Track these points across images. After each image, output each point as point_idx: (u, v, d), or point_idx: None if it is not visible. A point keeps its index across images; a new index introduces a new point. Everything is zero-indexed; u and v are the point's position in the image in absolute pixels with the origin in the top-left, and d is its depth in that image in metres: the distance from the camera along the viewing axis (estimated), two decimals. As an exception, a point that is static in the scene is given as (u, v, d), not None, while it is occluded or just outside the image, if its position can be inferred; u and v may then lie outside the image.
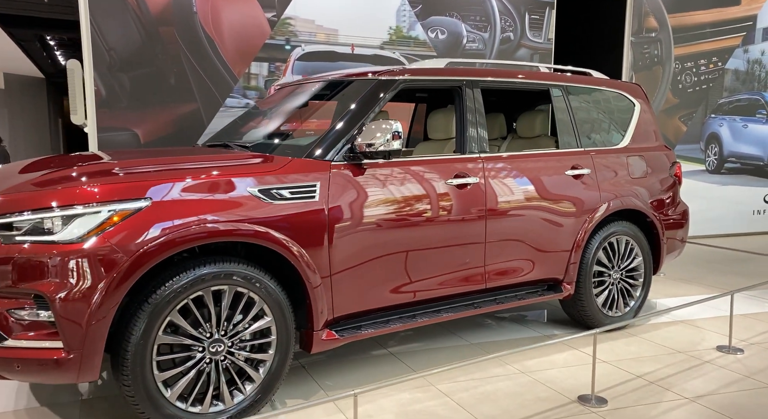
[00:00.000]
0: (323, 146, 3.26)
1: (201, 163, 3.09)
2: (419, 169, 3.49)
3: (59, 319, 2.53)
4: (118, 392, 3.33)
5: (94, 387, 3.42)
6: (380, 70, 3.62)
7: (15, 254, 2.57)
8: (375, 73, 3.62)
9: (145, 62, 5.94)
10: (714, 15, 8.61)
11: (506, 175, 3.81)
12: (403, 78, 3.57)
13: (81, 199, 2.62)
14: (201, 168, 2.98)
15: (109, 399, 3.28)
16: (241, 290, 2.91)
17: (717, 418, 3.05)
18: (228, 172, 2.97)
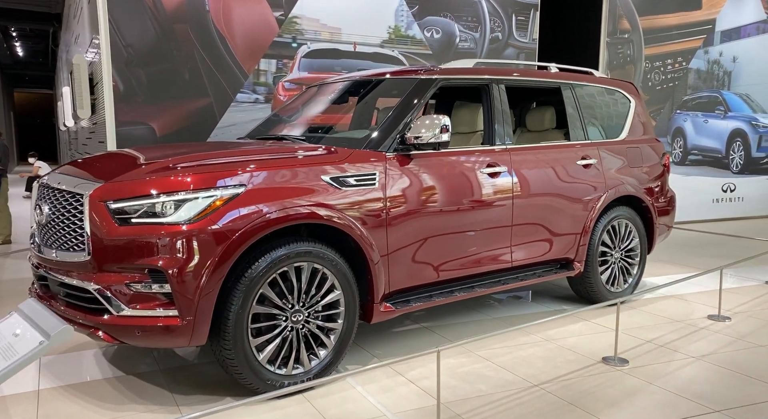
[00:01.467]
0: (378, 139, 3.62)
1: (278, 154, 3.41)
2: (458, 159, 3.90)
3: (175, 291, 2.85)
4: (189, 362, 3.66)
5: (168, 358, 3.70)
6: (420, 70, 4.01)
7: (133, 235, 2.87)
8: (415, 72, 4.00)
9: (161, 58, 6.16)
10: (679, 18, 9.29)
11: (529, 165, 4.25)
12: (441, 77, 3.96)
13: (190, 186, 2.94)
14: (282, 159, 3.31)
15: (185, 368, 3.57)
16: (317, 267, 3.26)
17: (722, 372, 3.57)
18: (304, 162, 3.31)
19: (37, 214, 3.31)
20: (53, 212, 3.18)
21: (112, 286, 2.90)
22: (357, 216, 3.38)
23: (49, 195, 3.27)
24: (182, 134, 6.31)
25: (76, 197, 3.05)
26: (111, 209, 2.93)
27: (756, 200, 10.27)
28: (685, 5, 9.31)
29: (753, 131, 10.18)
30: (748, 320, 4.57)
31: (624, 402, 3.15)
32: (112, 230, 2.90)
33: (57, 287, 3.18)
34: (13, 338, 2.13)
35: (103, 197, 2.95)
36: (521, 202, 4.18)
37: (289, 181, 3.20)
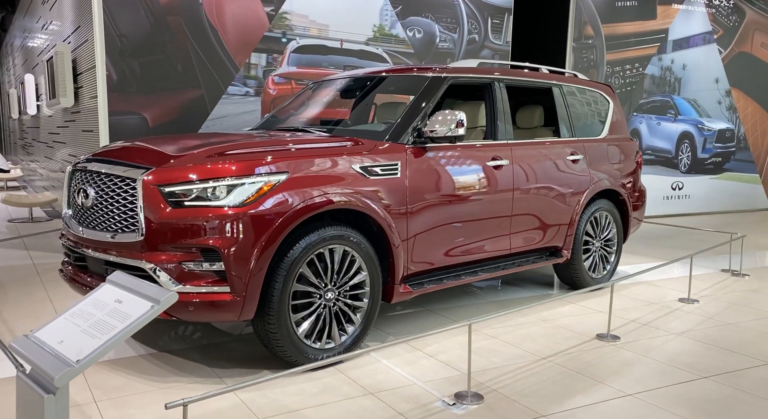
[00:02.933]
0: (398, 132, 3.89)
1: (313, 144, 3.63)
2: (467, 152, 4.21)
3: (229, 269, 3.05)
4: (216, 341, 3.85)
5: (194, 337, 3.87)
6: (432, 68, 4.30)
7: (186, 217, 3.05)
8: (427, 70, 4.28)
9: (154, 49, 6.24)
10: (636, 26, 9.90)
11: (527, 159, 4.60)
12: (452, 75, 4.26)
13: (241, 172, 3.15)
14: (319, 148, 3.54)
15: (214, 346, 3.75)
16: (347, 250, 3.51)
17: (702, 345, 4.00)
18: (338, 152, 3.55)
19: (81, 197, 3.43)
20: (101, 195, 3.32)
21: (165, 264, 3.08)
22: (382, 203, 3.64)
23: (93, 180, 3.39)
24: (174, 125, 6.40)
25: (126, 181, 3.21)
26: (164, 192, 3.10)
27: (701, 197, 11.02)
28: (642, 14, 9.92)
29: (699, 134, 10.92)
30: (714, 302, 5.06)
31: (624, 371, 3.53)
32: (166, 213, 3.08)
33: (102, 266, 3.32)
34: (118, 304, 2.30)
35: (156, 181, 3.11)
36: (520, 193, 4.52)
37: (326, 169, 3.44)
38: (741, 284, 5.70)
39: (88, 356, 2.06)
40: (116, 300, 2.33)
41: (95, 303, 2.36)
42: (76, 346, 2.12)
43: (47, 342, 2.22)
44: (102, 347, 2.08)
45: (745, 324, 4.47)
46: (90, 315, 2.30)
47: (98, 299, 2.38)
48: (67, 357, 2.08)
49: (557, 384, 3.33)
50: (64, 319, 2.35)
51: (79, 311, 2.36)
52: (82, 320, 2.29)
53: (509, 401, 3.10)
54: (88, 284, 3.45)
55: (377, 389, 3.23)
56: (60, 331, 2.26)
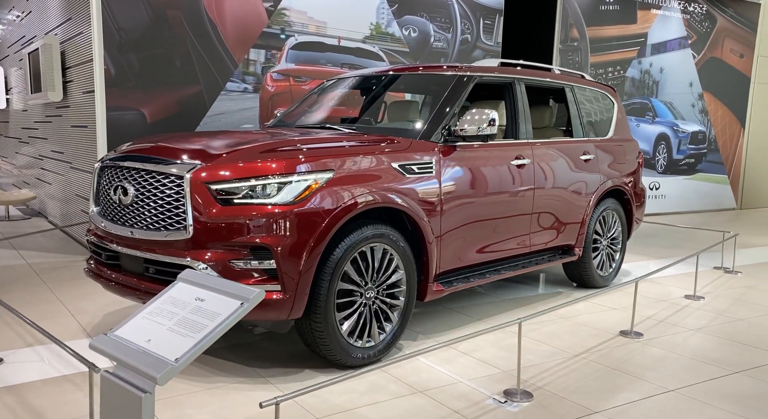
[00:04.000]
0: (430, 130, 3.89)
1: (353, 142, 3.58)
2: (494, 151, 4.23)
3: (280, 267, 3.00)
4: (245, 340, 3.78)
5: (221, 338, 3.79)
6: (457, 66, 4.30)
7: (236, 215, 2.98)
8: (453, 68, 4.29)
9: (153, 44, 6.08)
10: (618, 30, 10.12)
11: (546, 158, 4.65)
12: (477, 74, 4.27)
13: (290, 169, 3.10)
14: (361, 146, 3.50)
15: (245, 345, 3.67)
16: (386, 248, 3.48)
17: (721, 341, 4.11)
18: (379, 150, 3.52)
19: (119, 195, 3.32)
20: (142, 193, 3.21)
21: (215, 263, 3.00)
22: (418, 201, 3.63)
23: (133, 177, 3.28)
24: (172, 121, 6.25)
25: (171, 178, 3.11)
26: (213, 190, 3.02)
27: (676, 197, 11.34)
28: (624, 19, 10.14)
29: (674, 136, 11.23)
30: (718, 299, 5.21)
31: (658, 367, 3.60)
32: (215, 211, 3.01)
33: (141, 264, 3.22)
34: (200, 302, 2.23)
35: (205, 179, 3.04)
36: (540, 192, 4.57)
37: (368, 167, 3.40)
38: (737, 281, 5.88)
39: (186, 354, 1.99)
40: (197, 298, 2.25)
41: (174, 302, 2.29)
42: (169, 345, 2.05)
43: (134, 340, 2.14)
44: (199, 345, 2.02)
45: (755, 320, 4.61)
46: (172, 313, 2.23)
47: (176, 297, 2.30)
48: (162, 356, 2.01)
49: (598, 380, 3.38)
50: (142, 318, 2.26)
51: (157, 310, 2.28)
52: (164, 318, 2.22)
53: (558, 398, 3.13)
54: (121, 282, 3.34)
55: (424, 387, 3.21)
56: (143, 330, 2.18)
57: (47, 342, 3.65)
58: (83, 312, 4.27)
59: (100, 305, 4.46)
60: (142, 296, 3.23)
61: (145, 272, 3.23)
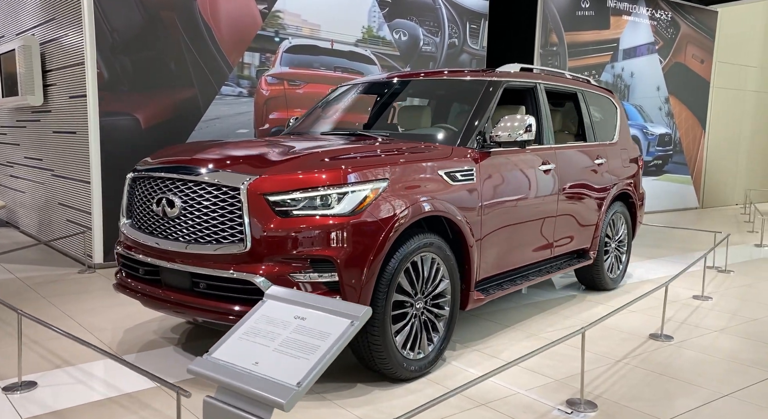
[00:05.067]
0: (467, 136, 3.83)
1: (398, 150, 3.49)
2: (524, 157, 4.20)
3: (342, 279, 2.88)
4: None
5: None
6: (486, 71, 4.27)
7: (296, 227, 2.85)
8: (482, 73, 4.25)
9: (147, 46, 5.84)
10: (593, 35, 10.32)
11: (567, 162, 4.67)
12: (505, 79, 4.25)
13: (349, 178, 2.99)
14: (410, 154, 3.41)
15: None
16: (434, 257, 3.40)
17: (749, 342, 4.19)
18: (426, 157, 3.44)
19: (163, 207, 3.13)
20: (190, 205, 3.04)
21: (274, 276, 2.86)
22: (462, 209, 3.56)
23: (178, 188, 3.10)
24: (167, 126, 6.01)
25: (224, 190, 2.96)
26: (270, 201, 2.89)
27: (647, 197, 11.63)
28: (598, 24, 10.35)
29: (644, 138, 11.53)
30: (724, 298, 5.33)
31: (701, 370, 3.63)
32: (275, 223, 2.87)
33: (188, 279, 3.05)
34: (301, 321, 2.10)
35: (262, 190, 2.90)
36: (563, 196, 4.58)
37: (419, 175, 3.32)
38: (733, 280, 6.04)
39: (307, 377, 1.87)
40: (297, 317, 2.13)
41: (270, 321, 2.16)
42: (281, 367, 1.92)
43: (238, 363, 2.00)
44: (318, 367, 1.90)
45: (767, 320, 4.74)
46: (272, 333, 2.10)
47: (270, 316, 2.17)
48: (280, 380, 1.88)
49: (650, 387, 3.38)
50: (240, 339, 2.13)
51: (253, 330, 2.14)
52: (265, 339, 2.09)
53: (620, 407, 3.11)
54: (163, 298, 3.16)
55: (485, 399, 3.15)
56: (245, 352, 2.04)
57: (76, 362, 3.42)
58: (100, 329, 4.03)
59: (113, 320, 4.22)
60: (189, 312, 3.06)
61: (194, 287, 3.05)
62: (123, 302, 4.66)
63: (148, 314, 4.35)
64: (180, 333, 4.01)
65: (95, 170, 5.69)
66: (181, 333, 4.01)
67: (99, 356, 3.50)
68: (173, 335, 3.96)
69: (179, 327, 4.11)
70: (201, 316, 3.03)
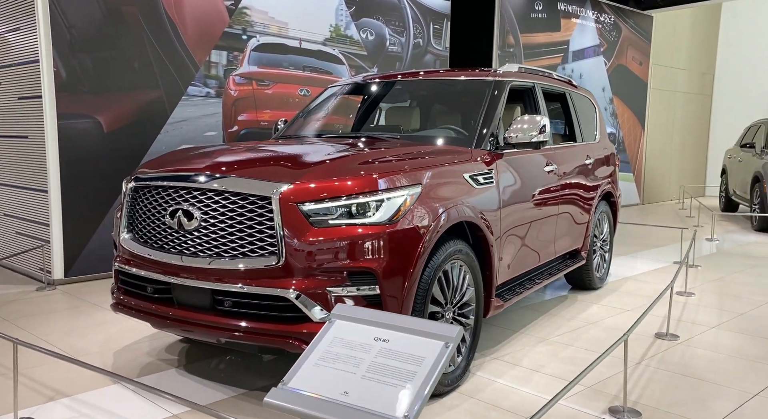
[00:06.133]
0: (481, 138, 3.70)
1: (425, 153, 3.31)
2: (530, 157, 4.12)
3: (385, 292, 2.69)
4: None
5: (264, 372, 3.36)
6: (490, 71, 4.16)
7: (333, 237, 2.64)
8: (486, 73, 4.14)
9: (108, 44, 5.42)
10: (546, 37, 10.47)
11: (566, 162, 4.62)
12: (510, 79, 4.15)
13: (387, 184, 2.79)
14: (436, 157, 3.24)
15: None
16: (462, 265, 3.26)
17: (750, 337, 4.25)
18: (451, 161, 3.28)
19: (179, 219, 2.83)
20: (213, 216, 2.76)
21: (311, 291, 2.63)
22: (485, 213, 3.43)
23: (196, 197, 2.81)
24: (131, 130, 5.60)
25: (251, 200, 2.70)
26: (305, 210, 2.66)
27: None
28: (550, 27, 10.51)
29: (591, 138, 11.81)
30: (705, 293, 5.44)
31: (720, 369, 3.64)
32: (309, 234, 2.64)
33: (209, 297, 2.77)
34: (384, 343, 1.89)
35: (294, 198, 2.66)
36: (563, 197, 4.53)
37: (448, 179, 3.17)
38: (704, 275, 6.20)
39: (413, 408, 1.67)
40: (378, 339, 1.92)
41: (347, 344, 1.94)
42: (377, 397, 1.71)
43: (324, 394, 1.78)
44: (423, 396, 1.71)
45: (756, 313, 4.84)
46: (354, 358, 1.88)
47: (346, 338, 1.96)
48: (383, 413, 1.67)
49: (680, 389, 3.34)
50: (316, 366, 1.90)
51: (330, 355, 1.92)
52: (346, 365, 1.87)
53: (663, 413, 3.04)
54: (174, 318, 2.87)
55: (527, 411, 3.02)
56: (327, 380, 1.82)
57: (71, 393, 3.06)
58: (87, 353, 3.65)
59: (98, 342, 3.84)
60: (214, 333, 2.78)
61: (217, 305, 2.78)
62: (102, 321, 4.28)
63: (134, 333, 3.99)
64: (177, 352, 3.69)
65: (53, 177, 5.23)
66: (178, 352, 3.69)
67: (100, 383, 3.16)
68: (170, 355, 3.64)
69: (174, 347, 3.79)
70: (227, 337, 2.76)
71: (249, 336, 2.71)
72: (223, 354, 3.67)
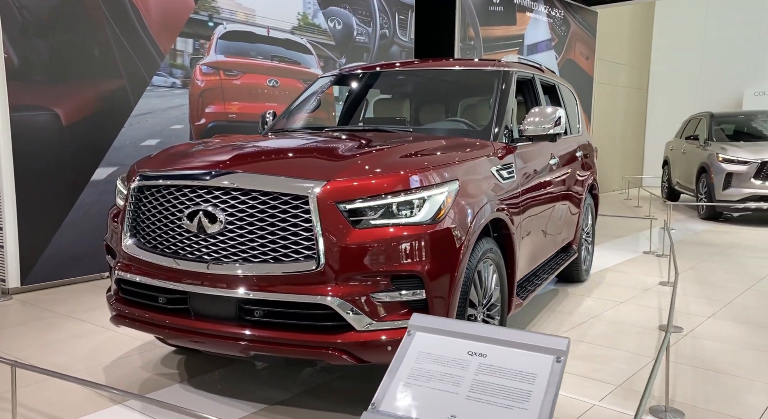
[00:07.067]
0: (498, 130, 3.54)
1: (454, 146, 3.12)
2: (538, 150, 4.00)
3: (432, 297, 2.49)
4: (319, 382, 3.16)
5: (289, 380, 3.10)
6: (495, 61, 4.01)
7: (377, 239, 2.42)
8: (492, 63, 3.99)
9: (65, 28, 4.96)
10: (503, 31, 10.46)
11: (564, 155, 4.54)
12: (516, 69, 4.02)
13: (430, 180, 2.59)
14: (468, 151, 3.05)
15: (318, 389, 3.04)
16: (491, 264, 3.09)
17: (747, 326, 4.28)
18: (479, 154, 3.10)
19: (198, 221, 2.52)
20: (239, 218, 2.47)
21: (354, 298, 2.40)
22: (510, 208, 3.29)
23: (218, 198, 2.52)
24: (93, 123, 5.15)
25: (283, 199, 2.44)
26: (345, 210, 2.42)
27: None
28: (506, 20, 10.51)
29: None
30: (685, 283, 5.49)
31: (735, 361, 3.62)
32: (351, 235, 2.41)
33: (235, 306, 2.49)
34: (481, 358, 1.69)
35: (334, 197, 2.42)
36: (563, 189, 4.45)
37: (479, 175, 2.99)
38: (677, 265, 6.29)
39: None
40: (474, 353, 1.73)
41: (437, 360, 1.73)
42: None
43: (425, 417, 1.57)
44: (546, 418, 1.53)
45: (740, 301, 4.91)
46: (450, 375, 1.68)
47: (433, 353, 1.75)
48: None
49: (709, 384, 3.29)
50: (407, 385, 1.68)
51: (420, 373, 1.71)
52: (442, 383, 1.66)
53: (703, 411, 2.96)
54: (192, 331, 2.57)
55: (569, 415, 2.88)
56: (426, 401, 1.61)
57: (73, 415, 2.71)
58: (73, 371, 3.26)
59: (83, 358, 3.46)
60: (236, 346, 2.51)
61: (245, 315, 2.50)
62: (79, 333, 3.88)
63: (119, 345, 3.63)
64: (174, 365, 3.37)
65: (6, 175, 4.73)
66: (176, 365, 3.37)
67: (98, 404, 2.81)
68: (168, 369, 3.31)
69: (169, 359, 3.45)
70: (256, 349, 2.49)
71: (282, 348, 2.45)
72: (225, 365, 3.37)
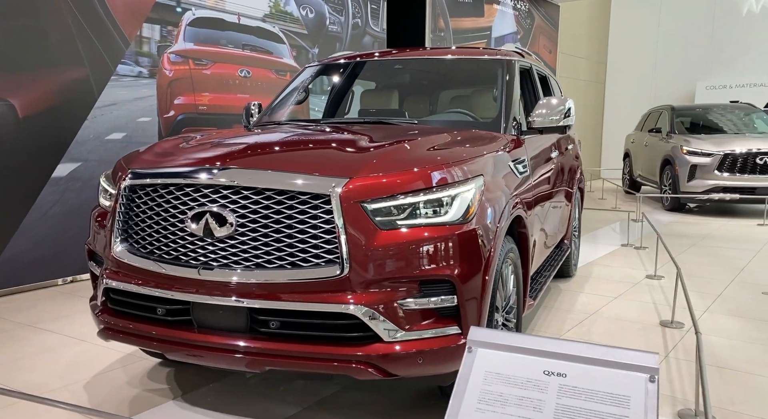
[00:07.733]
0: (507, 122, 3.35)
1: (473, 139, 2.91)
2: (545, 143, 3.84)
3: (463, 303, 2.28)
4: (328, 393, 2.98)
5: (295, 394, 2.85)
6: (496, 50, 3.83)
7: (405, 241, 2.20)
8: (494, 52, 3.81)
9: (20, 12, 4.55)
10: (472, 22, 10.33)
11: (562, 148, 4.39)
12: (518, 59, 3.85)
13: (459, 176, 2.38)
14: (487, 144, 2.85)
15: (328, 401, 2.81)
16: (510, 264, 2.91)
17: (748, 320, 4.23)
18: (497, 148, 2.90)
19: (205, 224, 2.24)
20: (252, 220, 2.21)
21: (380, 306, 2.17)
22: (525, 204, 3.10)
23: (227, 197, 2.24)
24: (52, 114, 4.75)
25: (301, 198, 2.19)
26: (370, 210, 2.19)
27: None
28: (475, 12, 10.38)
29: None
30: (670, 276, 5.42)
31: (745, 357, 3.54)
32: (377, 237, 2.18)
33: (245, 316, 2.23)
34: (559, 379, 1.48)
35: (357, 195, 2.19)
36: (562, 183, 4.31)
37: (501, 169, 2.79)
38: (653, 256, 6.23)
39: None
40: (551, 373, 1.52)
41: (509, 381, 1.52)
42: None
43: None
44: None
45: (730, 294, 4.88)
46: (527, 399, 1.47)
47: (503, 373, 1.54)
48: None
49: (729, 384, 3.18)
50: (479, 411, 1.47)
51: (492, 396, 1.50)
52: (521, 409, 1.46)
53: (733, 413, 2.86)
54: (196, 345, 2.30)
55: (594, 422, 2.73)
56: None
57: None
58: (51, 390, 2.93)
59: (59, 374, 3.12)
60: (249, 361, 2.25)
61: (259, 326, 2.24)
62: (48, 346, 3.53)
63: (97, 359, 3.31)
64: (164, 379, 3.07)
65: (-42, 172, 4.31)
66: (165, 379, 3.07)
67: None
68: (158, 384, 3.01)
69: (157, 372, 3.15)
70: (272, 364, 2.23)
71: (301, 362, 2.21)
72: (218, 378, 3.10)
